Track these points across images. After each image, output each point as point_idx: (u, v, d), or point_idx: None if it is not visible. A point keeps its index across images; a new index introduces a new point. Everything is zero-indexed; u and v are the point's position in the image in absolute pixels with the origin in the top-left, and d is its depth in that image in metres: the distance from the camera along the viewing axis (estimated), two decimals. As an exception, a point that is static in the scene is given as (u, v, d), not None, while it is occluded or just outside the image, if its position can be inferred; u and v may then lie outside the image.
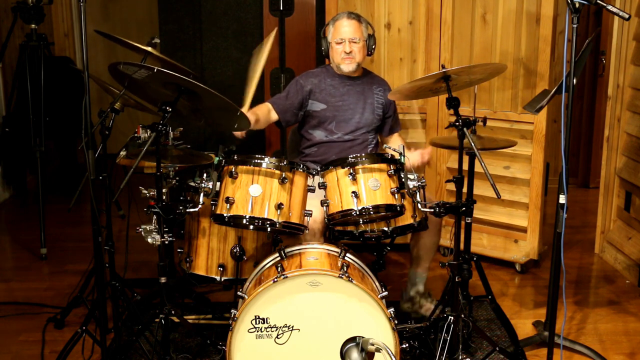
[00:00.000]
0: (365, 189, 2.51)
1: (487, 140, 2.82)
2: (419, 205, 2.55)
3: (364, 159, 2.55)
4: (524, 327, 3.10)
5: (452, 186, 2.61)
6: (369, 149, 3.14)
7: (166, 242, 2.45)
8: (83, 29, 2.26)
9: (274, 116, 3.09)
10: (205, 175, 2.55)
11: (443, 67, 2.53)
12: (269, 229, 2.44)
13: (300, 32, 3.88)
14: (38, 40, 4.11)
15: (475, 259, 2.76)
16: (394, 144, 3.17)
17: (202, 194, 2.50)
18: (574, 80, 2.32)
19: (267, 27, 3.89)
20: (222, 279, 2.75)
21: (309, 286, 2.32)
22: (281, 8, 3.84)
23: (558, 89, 2.74)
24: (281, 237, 2.82)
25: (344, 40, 3.03)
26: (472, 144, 2.44)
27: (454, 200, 2.55)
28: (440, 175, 3.90)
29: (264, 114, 3.03)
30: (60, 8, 5.80)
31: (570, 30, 2.25)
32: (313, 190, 2.57)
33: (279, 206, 2.43)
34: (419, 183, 2.56)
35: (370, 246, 3.01)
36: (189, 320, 3.00)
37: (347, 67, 3.07)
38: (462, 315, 2.56)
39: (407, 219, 2.63)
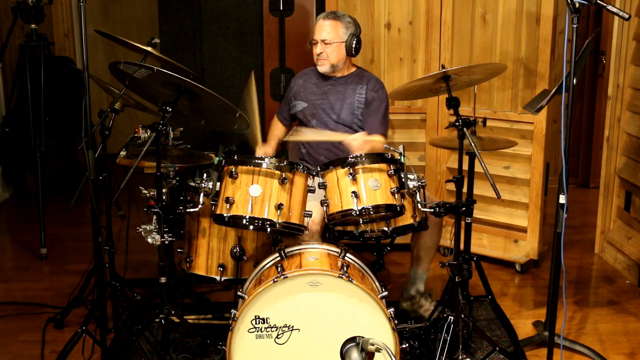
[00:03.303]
0: (365, 189, 2.51)
1: (487, 141, 2.82)
2: (419, 205, 2.55)
3: (363, 158, 2.54)
4: (524, 327, 3.10)
5: (452, 186, 2.61)
6: None
7: (166, 242, 2.46)
8: (83, 29, 2.26)
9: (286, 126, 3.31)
10: (205, 175, 2.55)
11: (443, 67, 2.53)
12: (268, 229, 2.44)
13: (300, 32, 3.88)
14: (38, 40, 4.11)
15: (475, 259, 2.76)
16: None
17: (202, 194, 2.50)
18: (574, 80, 2.32)
19: (267, 27, 3.89)
20: (222, 279, 2.75)
21: (309, 286, 2.32)
22: (281, 8, 3.83)
23: (558, 89, 2.74)
24: (281, 237, 2.82)
25: (316, 42, 3.03)
26: (472, 144, 2.44)
27: (454, 200, 2.55)
28: (440, 175, 3.90)
29: (281, 131, 3.28)
30: (60, 8, 5.80)
31: (570, 30, 2.25)
32: (313, 191, 2.57)
33: (279, 206, 2.43)
34: (419, 183, 2.56)
35: (370, 246, 3.00)
36: (189, 320, 3.00)
37: (321, 68, 3.08)
38: (462, 315, 2.56)
39: (407, 219, 2.63)
